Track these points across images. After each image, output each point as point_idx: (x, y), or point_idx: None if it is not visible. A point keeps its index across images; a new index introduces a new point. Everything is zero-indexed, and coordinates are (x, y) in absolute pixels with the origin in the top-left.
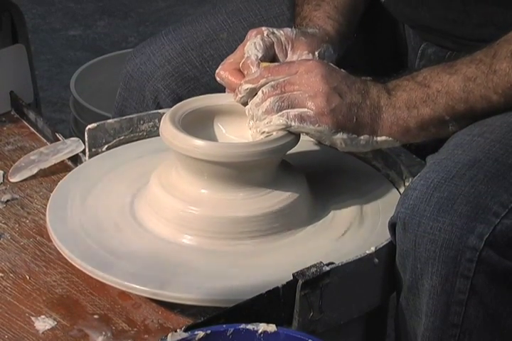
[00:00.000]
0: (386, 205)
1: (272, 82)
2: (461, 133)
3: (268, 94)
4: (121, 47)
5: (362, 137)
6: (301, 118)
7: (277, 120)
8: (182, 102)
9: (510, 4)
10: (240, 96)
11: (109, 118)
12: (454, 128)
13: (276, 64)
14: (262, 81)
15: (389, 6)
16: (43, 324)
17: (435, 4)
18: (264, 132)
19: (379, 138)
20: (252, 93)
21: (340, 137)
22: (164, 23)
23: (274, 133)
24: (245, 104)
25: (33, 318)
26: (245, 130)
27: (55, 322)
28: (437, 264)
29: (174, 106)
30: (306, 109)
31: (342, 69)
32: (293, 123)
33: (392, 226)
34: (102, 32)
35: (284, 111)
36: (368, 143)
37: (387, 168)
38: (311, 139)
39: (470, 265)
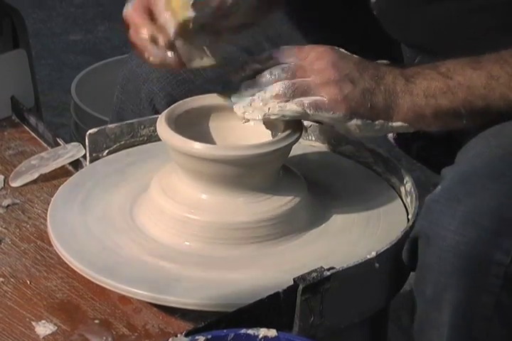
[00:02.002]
0: (387, 210)
1: (283, 65)
2: (479, 145)
3: (277, 78)
4: (122, 51)
5: (377, 122)
6: (317, 105)
7: (292, 106)
8: (178, 102)
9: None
10: (243, 74)
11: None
12: (467, 122)
13: (286, 46)
14: (271, 62)
15: (381, 20)
16: (43, 329)
17: (420, 28)
18: (276, 115)
19: (394, 124)
20: (257, 72)
21: (354, 123)
22: None
23: (283, 117)
24: (242, 81)
25: (33, 323)
26: (239, 128)
27: (56, 327)
28: (463, 279)
29: (171, 106)
30: (319, 97)
31: (354, 55)
32: (309, 111)
33: (413, 240)
34: (103, 36)
35: (298, 99)
36: (382, 128)
37: (388, 173)
38: (313, 144)
39: (496, 280)
